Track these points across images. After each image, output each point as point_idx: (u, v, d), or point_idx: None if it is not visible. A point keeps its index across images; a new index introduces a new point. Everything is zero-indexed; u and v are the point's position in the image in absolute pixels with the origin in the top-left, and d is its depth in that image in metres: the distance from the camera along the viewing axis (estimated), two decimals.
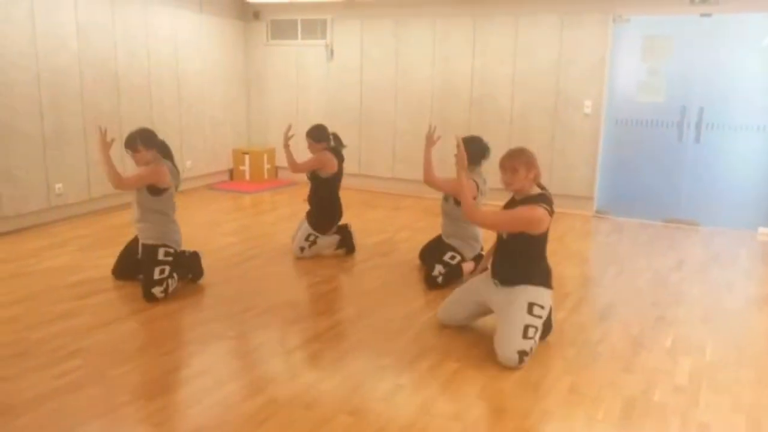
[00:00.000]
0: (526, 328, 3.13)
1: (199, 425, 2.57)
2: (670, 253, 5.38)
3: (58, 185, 5.88)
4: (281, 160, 8.33)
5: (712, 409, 2.79)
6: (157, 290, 3.92)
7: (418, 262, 4.77)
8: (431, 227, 4.83)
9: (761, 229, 6.08)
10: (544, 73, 6.75)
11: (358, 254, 5.06)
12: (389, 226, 6.06)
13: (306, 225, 4.92)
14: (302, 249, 4.87)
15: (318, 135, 4.85)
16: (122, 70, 6.48)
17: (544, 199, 3.19)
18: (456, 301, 3.56)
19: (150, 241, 4.02)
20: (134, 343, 3.36)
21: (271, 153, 8.33)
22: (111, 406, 2.69)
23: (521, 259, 3.26)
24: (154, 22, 6.82)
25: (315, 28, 7.91)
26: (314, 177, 4.91)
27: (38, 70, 5.60)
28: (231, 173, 8.34)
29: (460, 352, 3.29)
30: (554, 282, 3.23)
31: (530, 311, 3.16)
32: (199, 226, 5.86)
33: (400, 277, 4.54)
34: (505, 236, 3.29)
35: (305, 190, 4.93)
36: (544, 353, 3.31)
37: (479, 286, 3.47)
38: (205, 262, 4.33)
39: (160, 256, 3.98)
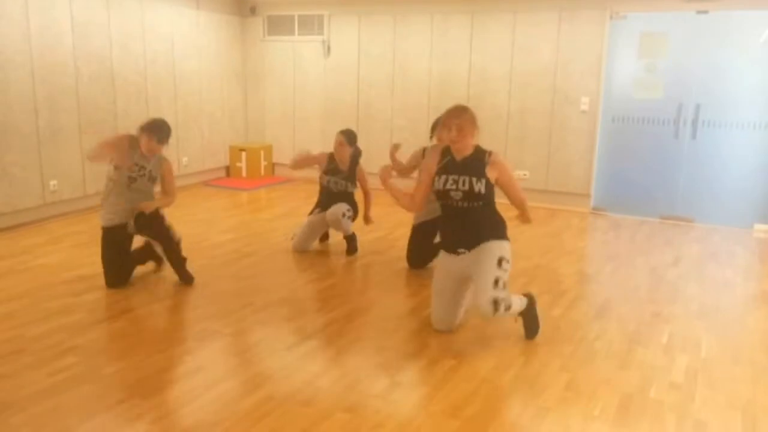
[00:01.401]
0: (496, 280, 3.23)
1: (195, 422, 2.57)
2: (666, 249, 5.39)
3: (53, 182, 5.85)
4: (278, 156, 8.33)
5: (708, 406, 2.79)
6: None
7: None
8: None
9: (757, 226, 6.11)
10: (541, 70, 6.74)
11: None
12: (386, 223, 6.05)
13: (341, 203, 4.92)
14: (344, 214, 4.88)
15: (352, 139, 5.03)
16: (118, 67, 6.45)
17: (483, 149, 3.35)
18: (438, 299, 3.49)
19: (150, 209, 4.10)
20: (130, 340, 3.35)
21: (268, 149, 8.31)
22: (107, 404, 2.68)
23: (483, 217, 3.32)
24: (150, 18, 6.79)
25: (312, 24, 7.89)
26: (337, 172, 4.98)
27: (33, 67, 5.57)
28: (227, 170, 8.31)
29: (457, 348, 3.29)
30: (551, 279, 3.26)
31: (499, 265, 3.25)
32: (195, 222, 5.84)
33: (397, 274, 4.54)
34: (462, 204, 3.29)
35: (301, 187, 4.93)
36: (541, 350, 3.32)
37: (447, 267, 3.45)
38: (201, 259, 4.33)
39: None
